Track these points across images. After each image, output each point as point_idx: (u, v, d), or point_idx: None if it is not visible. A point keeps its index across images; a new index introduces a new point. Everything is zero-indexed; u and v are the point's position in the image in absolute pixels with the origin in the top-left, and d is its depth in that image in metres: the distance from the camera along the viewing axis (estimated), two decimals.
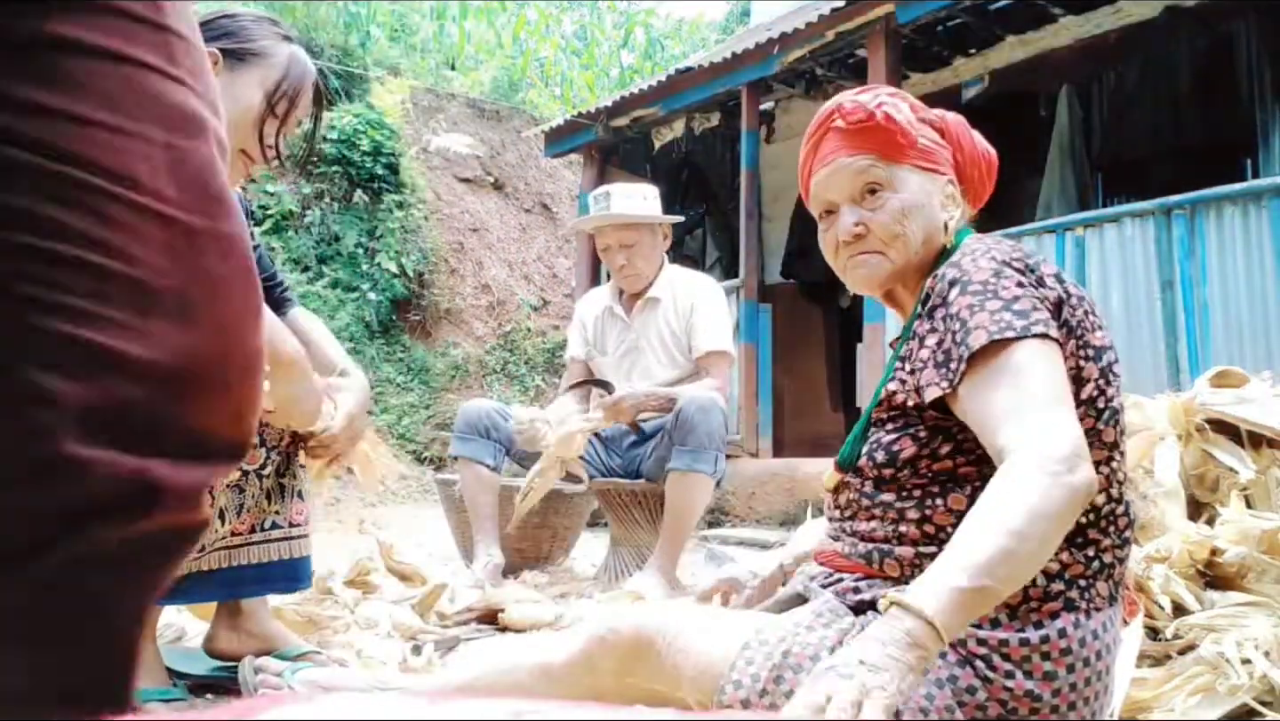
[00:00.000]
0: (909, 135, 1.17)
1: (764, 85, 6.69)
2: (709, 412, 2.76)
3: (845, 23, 5.69)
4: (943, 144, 1.20)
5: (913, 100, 1.25)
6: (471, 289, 9.77)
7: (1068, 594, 1.03)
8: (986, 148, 1.24)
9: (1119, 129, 6.22)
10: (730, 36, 11.81)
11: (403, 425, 8.49)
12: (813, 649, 1.03)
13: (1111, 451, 1.09)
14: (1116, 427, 1.09)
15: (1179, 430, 2.02)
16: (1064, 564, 1.04)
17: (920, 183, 1.18)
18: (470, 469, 3.08)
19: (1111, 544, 1.08)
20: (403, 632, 2.16)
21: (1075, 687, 1.02)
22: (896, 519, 1.09)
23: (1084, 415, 1.05)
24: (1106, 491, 1.08)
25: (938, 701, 0.99)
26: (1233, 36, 5.44)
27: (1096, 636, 1.04)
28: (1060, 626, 1.02)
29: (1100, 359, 1.08)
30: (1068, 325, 1.06)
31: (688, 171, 8.26)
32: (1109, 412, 1.09)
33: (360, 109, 9.28)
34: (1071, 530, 1.01)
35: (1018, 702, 1.00)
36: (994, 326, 1.01)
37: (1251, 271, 4.24)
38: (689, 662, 1.04)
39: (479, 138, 10.49)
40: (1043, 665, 1.01)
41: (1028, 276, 1.06)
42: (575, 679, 1.09)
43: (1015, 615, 1.03)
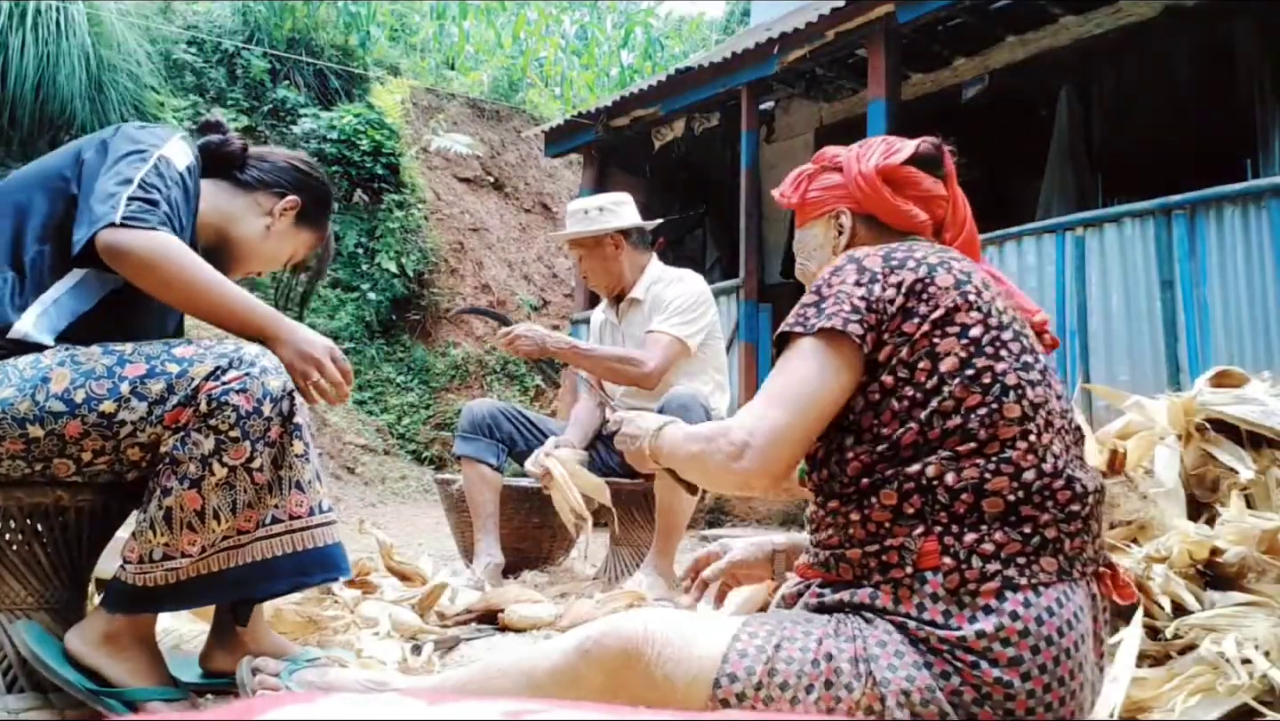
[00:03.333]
0: (796, 198, 1.40)
1: (764, 85, 6.69)
2: (689, 409, 2.75)
3: (845, 23, 5.69)
4: (837, 182, 1.36)
5: (827, 154, 1.40)
6: (471, 289, 9.77)
7: (1005, 572, 1.04)
8: (867, 168, 1.32)
9: (1119, 129, 6.23)
10: (730, 36, 11.81)
11: (403, 425, 8.50)
12: (800, 641, 1.06)
13: (1024, 425, 1.09)
14: (1022, 401, 1.10)
15: (1179, 430, 2.02)
16: (999, 544, 1.05)
17: (814, 233, 1.39)
18: (473, 468, 3.09)
19: (1053, 518, 1.07)
20: (403, 632, 2.16)
21: (1045, 669, 1.02)
22: (845, 523, 1.14)
23: (959, 389, 1.09)
24: (1037, 467, 1.08)
25: (919, 682, 1.01)
26: (1233, 36, 5.44)
27: (1052, 613, 1.04)
28: (1011, 609, 1.03)
29: (967, 334, 1.11)
30: (912, 310, 1.13)
31: (688, 171, 8.26)
32: (999, 387, 1.10)
33: (360, 109, 9.28)
34: (1001, 509, 1.06)
35: (991, 689, 1.01)
36: (791, 320, 1.17)
37: (1251, 271, 4.24)
38: (681, 670, 1.03)
39: (479, 138, 10.49)
40: (1005, 651, 1.01)
41: (865, 275, 1.15)
42: (560, 690, 1.08)
43: (959, 600, 1.04)
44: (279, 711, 0.48)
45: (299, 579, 1.56)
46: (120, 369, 1.47)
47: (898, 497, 1.09)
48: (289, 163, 1.86)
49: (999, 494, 1.06)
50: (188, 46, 9.24)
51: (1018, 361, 1.12)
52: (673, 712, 0.50)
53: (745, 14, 11.75)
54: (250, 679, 1.54)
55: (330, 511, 1.62)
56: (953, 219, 1.34)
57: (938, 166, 1.34)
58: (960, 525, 1.06)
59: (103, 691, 1.47)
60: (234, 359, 1.48)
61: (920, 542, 1.06)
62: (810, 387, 1.13)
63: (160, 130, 1.66)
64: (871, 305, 1.13)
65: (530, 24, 13.52)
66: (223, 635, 1.75)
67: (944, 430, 1.09)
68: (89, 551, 1.66)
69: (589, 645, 1.07)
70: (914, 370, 1.11)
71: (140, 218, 1.47)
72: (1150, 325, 4.51)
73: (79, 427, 1.45)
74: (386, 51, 11.11)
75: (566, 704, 0.70)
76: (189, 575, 1.49)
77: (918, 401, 1.10)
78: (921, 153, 1.33)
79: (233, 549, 1.51)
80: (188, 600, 1.55)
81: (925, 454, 1.09)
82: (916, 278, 1.14)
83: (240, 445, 1.46)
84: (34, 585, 1.56)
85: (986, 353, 1.11)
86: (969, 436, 1.08)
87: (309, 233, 1.89)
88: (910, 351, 1.11)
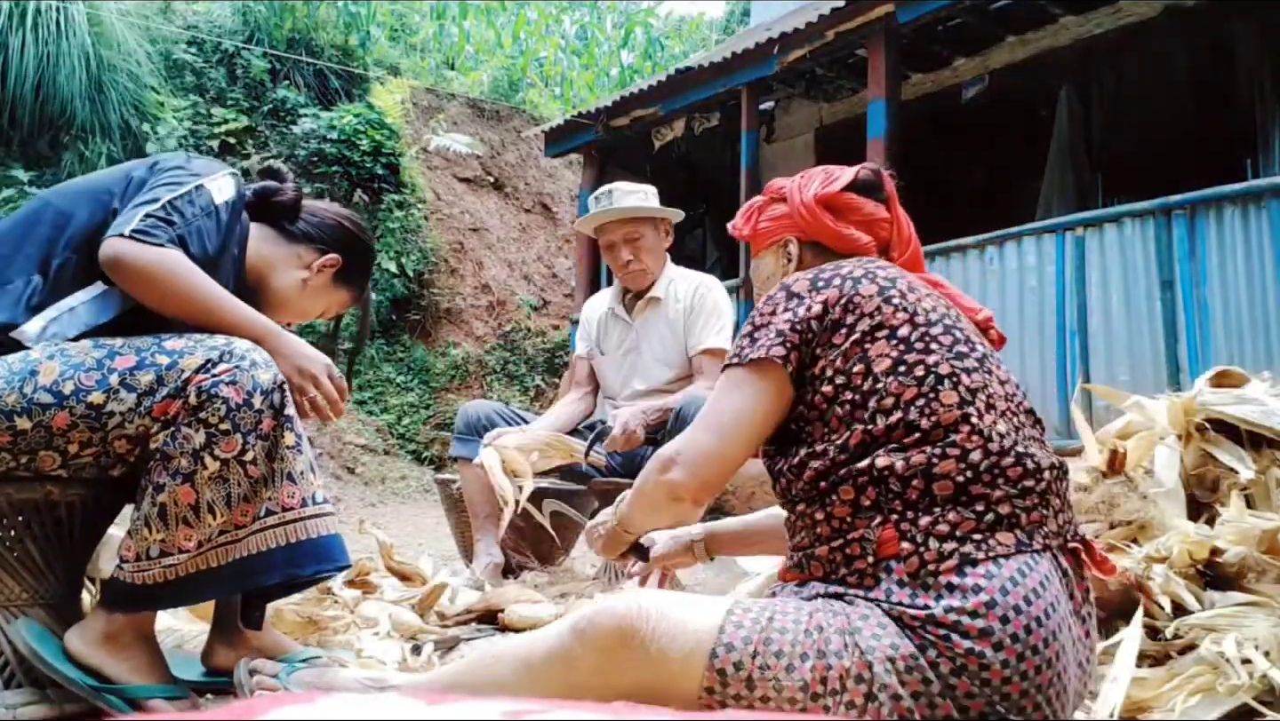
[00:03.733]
0: (751, 232, 1.48)
1: (764, 85, 6.70)
2: None
3: (845, 23, 5.69)
4: (783, 212, 1.43)
5: (774, 185, 1.47)
6: (471, 289, 9.77)
7: (962, 549, 1.07)
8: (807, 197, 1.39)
9: (1119, 129, 6.23)
10: (730, 36, 11.81)
11: (403, 425, 8.50)
12: (792, 615, 1.08)
13: (963, 409, 1.14)
14: (959, 388, 1.15)
15: (1179, 430, 2.02)
16: (953, 523, 1.08)
17: (764, 262, 1.48)
18: (470, 469, 3.08)
19: (1005, 494, 1.10)
20: (403, 632, 2.16)
21: (1017, 638, 1.03)
22: (812, 524, 1.19)
23: (895, 384, 1.16)
24: (983, 448, 1.12)
25: (902, 650, 1.04)
26: (1233, 36, 5.44)
27: (1016, 582, 1.06)
28: (973, 584, 1.05)
29: (895, 334, 1.19)
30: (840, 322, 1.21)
31: (688, 171, 8.26)
32: (934, 378, 1.15)
33: (360, 109, 9.29)
34: (951, 491, 1.10)
35: (965, 660, 1.03)
36: (730, 353, 1.28)
37: (1251, 271, 4.24)
38: (676, 644, 1.05)
39: (479, 138, 10.49)
40: (974, 623, 1.03)
41: (793, 300, 1.24)
42: (555, 674, 1.09)
43: (922, 582, 1.07)
44: (279, 711, 0.48)
45: (291, 570, 1.55)
46: (109, 361, 1.47)
47: (854, 492, 1.14)
48: (337, 220, 1.88)
49: (948, 476, 1.11)
50: (188, 46, 9.24)
51: (950, 352, 1.18)
52: (673, 712, 0.50)
53: (745, 14, 11.76)
54: (248, 679, 1.54)
55: (325, 503, 1.61)
56: (898, 239, 1.40)
57: (878, 191, 1.41)
58: (915, 510, 1.10)
59: (103, 688, 1.47)
60: (224, 351, 1.49)
61: (879, 532, 1.11)
62: (735, 414, 1.24)
63: (211, 163, 1.70)
64: (796, 326, 1.21)
65: (530, 24, 13.52)
66: (224, 632, 1.76)
67: (888, 425, 1.14)
68: (82, 546, 1.66)
69: (583, 625, 1.09)
70: (850, 376, 1.18)
71: (150, 233, 1.49)
72: (1150, 325, 4.51)
73: (67, 419, 1.44)
74: (386, 51, 11.12)
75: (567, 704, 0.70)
76: (187, 571, 1.49)
77: (859, 404, 1.16)
78: (861, 179, 1.40)
79: (230, 543, 1.51)
80: (187, 596, 1.55)
81: (874, 449, 1.14)
82: (840, 293, 1.22)
83: (231, 438, 1.46)
84: (28, 581, 1.55)
85: (917, 348, 1.18)
86: (912, 427, 1.13)
87: (345, 292, 1.91)
88: (844, 360, 1.19)
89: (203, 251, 1.57)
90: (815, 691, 1.01)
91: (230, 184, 1.68)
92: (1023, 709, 1.02)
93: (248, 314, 1.58)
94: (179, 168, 1.63)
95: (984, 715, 1.01)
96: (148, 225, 1.49)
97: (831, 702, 1.00)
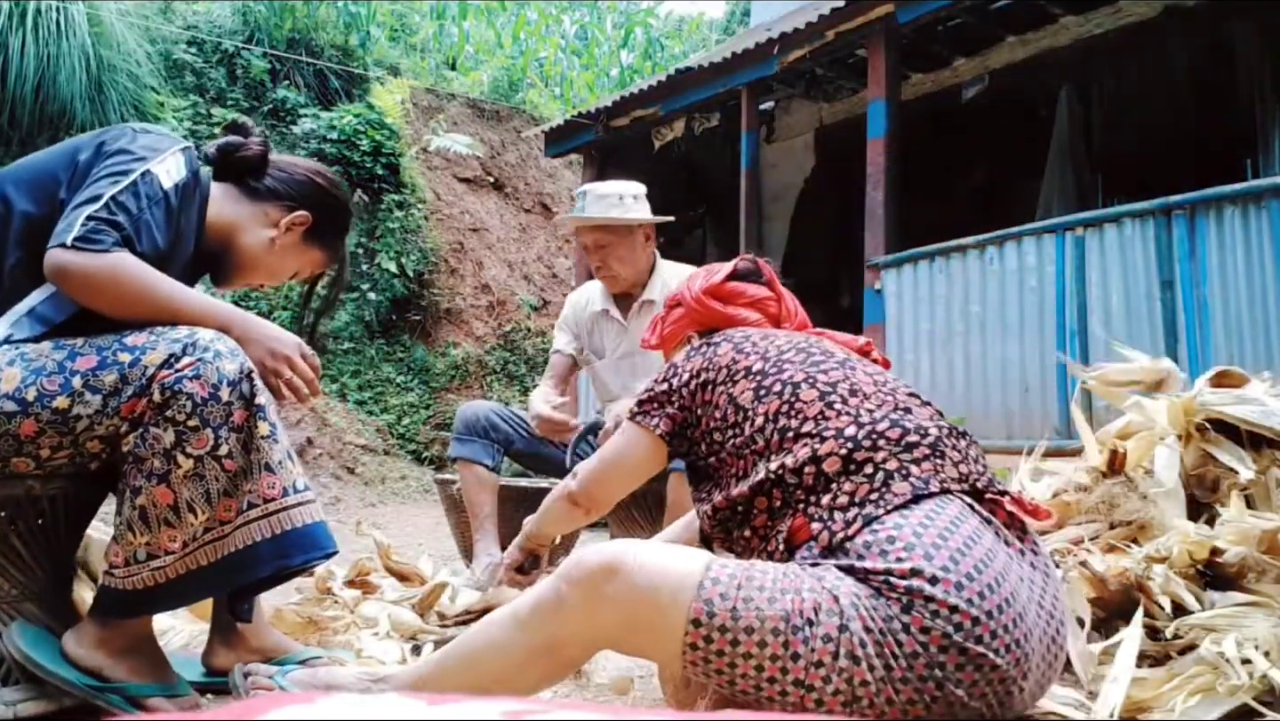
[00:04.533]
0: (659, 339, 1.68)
1: (764, 85, 6.70)
2: None
3: (845, 23, 5.69)
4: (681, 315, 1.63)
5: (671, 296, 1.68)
6: (471, 289, 9.77)
7: (863, 511, 1.13)
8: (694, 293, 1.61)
9: (1119, 129, 6.23)
10: (730, 37, 11.81)
11: (403, 425, 8.50)
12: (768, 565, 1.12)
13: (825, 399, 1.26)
14: (816, 385, 1.28)
15: (1179, 430, 2.02)
16: (849, 493, 1.16)
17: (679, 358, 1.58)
18: (469, 470, 3.08)
19: (890, 453, 1.18)
20: (403, 632, 2.16)
21: (948, 569, 1.04)
22: (745, 543, 1.28)
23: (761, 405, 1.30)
24: (855, 423, 1.21)
25: (862, 593, 1.05)
26: (1233, 36, 5.44)
27: (927, 524, 1.09)
28: (885, 535, 1.09)
29: (750, 370, 1.35)
30: (707, 382, 1.40)
31: (688, 171, 8.26)
32: (790, 387, 1.29)
33: (360, 109, 9.29)
34: (839, 466, 1.19)
35: (911, 597, 1.03)
36: (635, 408, 1.50)
37: (1251, 271, 4.24)
38: (662, 579, 1.07)
39: (479, 138, 10.49)
40: (903, 566, 1.05)
41: (673, 370, 1.46)
42: (544, 621, 1.12)
43: (840, 550, 1.11)
44: (279, 711, 0.48)
45: (280, 562, 1.51)
46: (71, 363, 1.43)
47: (766, 500, 1.24)
48: (307, 175, 1.80)
49: (832, 454, 1.19)
50: (188, 46, 9.25)
51: (806, 363, 1.32)
52: (672, 712, 0.50)
53: (745, 14, 11.76)
54: (242, 681, 1.53)
55: (306, 490, 1.57)
56: (785, 311, 1.60)
57: (757, 276, 1.62)
58: (815, 494, 1.18)
59: (104, 687, 1.46)
60: (188, 344, 1.44)
61: (789, 523, 1.19)
62: (621, 455, 1.51)
63: (159, 138, 1.61)
64: (670, 396, 1.44)
65: (530, 24, 13.53)
66: (224, 632, 1.75)
67: (766, 442, 1.26)
68: (68, 538, 1.64)
69: (569, 567, 1.12)
70: (726, 416, 1.33)
71: (93, 239, 1.41)
72: (1150, 325, 4.51)
73: (33, 426, 1.41)
74: (386, 51, 11.12)
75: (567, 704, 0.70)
76: (176, 572, 1.46)
77: (740, 434, 1.30)
78: (739, 269, 1.62)
79: (216, 540, 1.48)
80: (180, 598, 1.52)
81: (763, 457, 1.26)
82: (704, 359, 1.42)
83: (201, 433, 1.42)
84: (16, 576, 1.54)
85: (771, 373, 1.32)
86: (785, 431, 1.24)
87: (318, 250, 1.83)
88: (718, 410, 1.35)
89: (153, 245, 1.51)
90: (795, 623, 1.03)
91: (179, 161, 1.59)
92: (980, 637, 1.02)
93: (207, 305, 1.52)
94: (123, 152, 1.54)
95: (944, 645, 1.01)
96: (90, 230, 1.42)
97: (809, 633, 1.02)
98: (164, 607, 1.57)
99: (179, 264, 1.61)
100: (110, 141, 1.56)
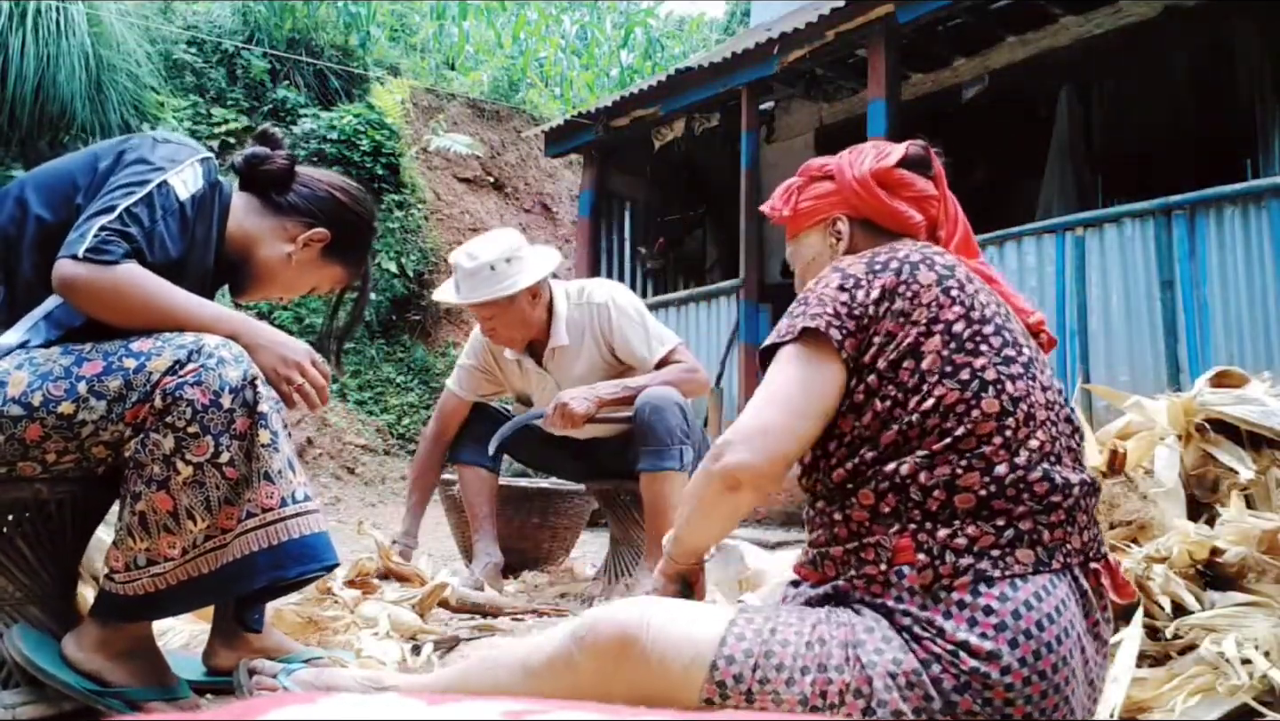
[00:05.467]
0: (792, 212, 1.40)
1: (764, 85, 6.69)
2: (663, 411, 2.69)
3: (845, 23, 5.69)
4: (830, 189, 1.37)
5: (813, 164, 1.41)
6: None
7: (978, 565, 1.05)
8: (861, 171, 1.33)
9: (1119, 129, 6.23)
10: (730, 37, 11.81)
11: (403, 425, 8.50)
12: (795, 626, 1.08)
13: (1001, 420, 1.10)
14: (1001, 396, 1.11)
15: (1179, 430, 2.02)
16: (972, 537, 1.07)
17: (810, 241, 1.40)
18: (469, 470, 3.08)
19: (1028, 510, 1.08)
20: (402, 632, 2.16)
21: (1025, 662, 1.01)
22: (830, 523, 1.17)
23: (939, 387, 1.11)
24: (1009, 461, 1.09)
25: (905, 666, 1.03)
26: (1233, 36, 5.44)
27: (1030, 606, 1.04)
28: (985, 604, 1.03)
29: (950, 330, 1.14)
30: (897, 311, 1.15)
31: (688, 171, 8.25)
32: (978, 382, 1.11)
33: (360, 109, 9.28)
34: (973, 505, 1.08)
35: (971, 679, 1.01)
36: (774, 333, 1.21)
37: (1251, 271, 4.24)
38: (677, 653, 1.04)
39: (479, 138, 10.49)
40: (983, 645, 1.02)
41: (849, 282, 1.18)
42: (555, 677, 1.09)
43: (933, 595, 1.05)
44: (279, 711, 0.48)
45: (275, 573, 1.49)
46: (77, 368, 1.43)
47: (874, 497, 1.12)
48: (329, 191, 1.78)
49: (970, 490, 1.08)
50: (188, 46, 9.25)
51: (998, 355, 1.14)
52: (673, 712, 0.50)
53: (745, 14, 11.75)
54: (247, 680, 1.53)
55: (308, 500, 1.54)
56: (945, 218, 1.36)
57: (927, 167, 1.37)
58: (933, 521, 1.08)
59: (103, 691, 1.46)
60: (192, 350, 1.43)
61: (895, 540, 1.09)
62: (794, 387, 1.15)
63: (178, 148, 1.60)
64: (853, 311, 1.15)
65: (530, 24, 13.52)
66: (224, 633, 1.75)
67: (923, 429, 1.11)
68: (74, 542, 1.64)
69: (584, 631, 1.08)
70: (898, 369, 1.13)
71: (104, 250, 1.42)
72: (1150, 325, 4.51)
73: (39, 431, 1.41)
74: (386, 51, 11.11)
75: (567, 704, 0.70)
76: (176, 579, 1.46)
77: (899, 401, 1.13)
78: (911, 155, 1.35)
79: (217, 549, 1.47)
80: (178, 605, 1.52)
81: (904, 453, 1.11)
82: (899, 279, 1.17)
83: (201, 441, 1.41)
84: (20, 579, 1.54)
85: (966, 348, 1.13)
86: (945, 433, 1.10)
87: (337, 268, 1.83)
88: (895, 351, 1.14)
89: (165, 255, 1.50)
90: (814, 705, 1.00)
91: (197, 172, 1.59)
92: None
93: (217, 313, 1.52)
94: (142, 161, 1.53)
95: None
96: (101, 241, 1.41)
97: (829, 715, 0.99)
98: (164, 614, 1.56)
99: (196, 273, 1.61)
100: (130, 150, 1.56)
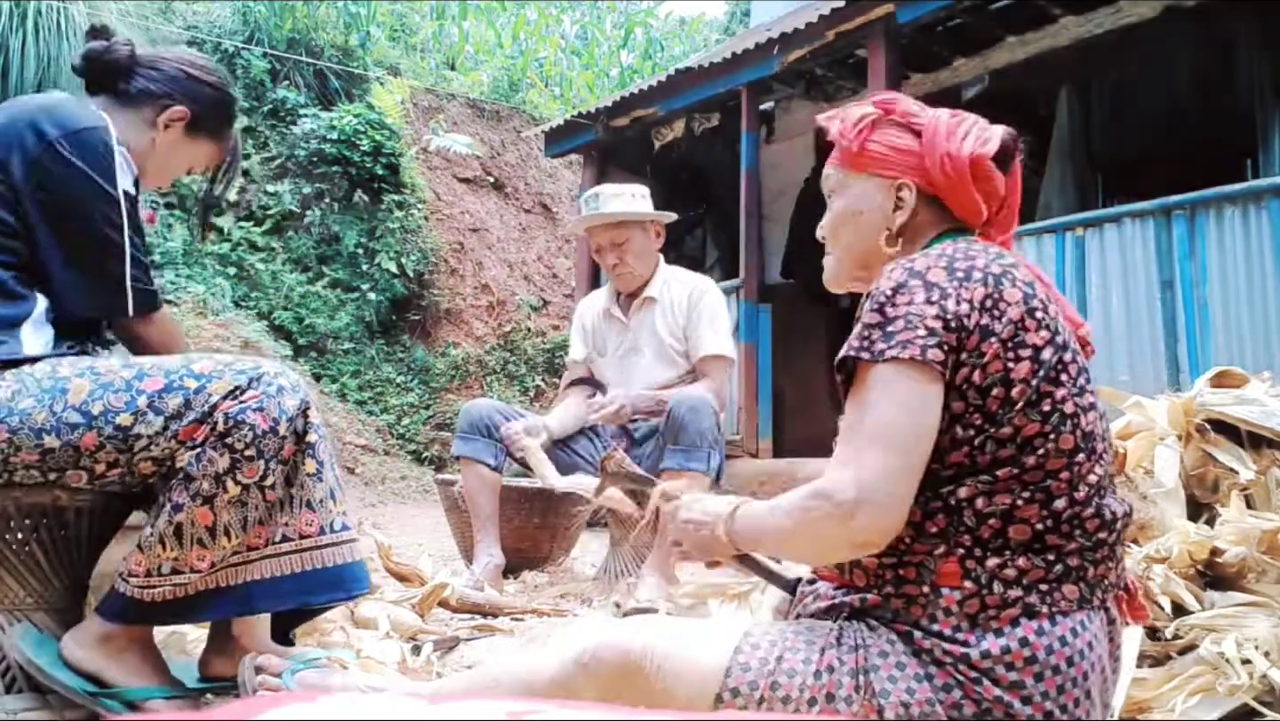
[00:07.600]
0: (855, 143, 1.23)
1: (764, 85, 6.69)
2: (699, 411, 2.75)
3: (845, 23, 5.68)
4: (911, 148, 1.19)
5: (902, 105, 1.24)
6: (471, 289, 9.76)
7: (1026, 599, 1.03)
8: (958, 150, 1.16)
9: (1119, 129, 6.22)
10: (730, 37, 11.81)
11: (403, 425, 8.49)
12: (803, 653, 1.06)
13: (1073, 456, 1.06)
14: (1076, 432, 1.06)
15: (1179, 430, 2.02)
16: (1022, 570, 1.04)
17: (865, 188, 1.23)
18: (472, 469, 3.08)
19: (1079, 546, 1.05)
20: (402, 632, 2.16)
21: (1048, 695, 1.01)
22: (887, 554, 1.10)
23: (1020, 418, 1.04)
24: (1068, 495, 1.05)
25: (918, 695, 1.01)
26: (1233, 36, 5.44)
27: (1065, 642, 1.02)
28: (1021, 635, 1.02)
29: (1038, 357, 1.05)
30: (987, 328, 1.04)
31: (688, 171, 8.25)
32: (1058, 416, 1.05)
33: (360, 109, 9.28)
34: (1028, 537, 1.04)
35: (991, 706, 1.00)
36: (856, 344, 1.07)
37: (1251, 271, 4.24)
38: (682, 683, 1.03)
39: (479, 138, 10.49)
40: (1007, 675, 1.01)
41: (936, 291, 1.05)
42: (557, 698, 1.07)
43: (975, 622, 1.03)
44: (279, 711, 0.48)
45: (304, 597, 1.55)
46: (138, 382, 1.46)
47: (922, 515, 1.06)
48: (178, 68, 1.71)
49: (1027, 521, 1.04)
50: (188, 46, 9.24)
51: (1075, 386, 1.07)
52: (673, 713, 0.50)
53: (745, 14, 11.75)
54: (252, 677, 1.53)
55: (347, 530, 1.59)
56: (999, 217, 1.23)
57: (1010, 162, 1.21)
58: (984, 549, 1.04)
59: (100, 693, 1.46)
60: (252, 377, 1.48)
61: (940, 563, 1.05)
62: (905, 422, 1.02)
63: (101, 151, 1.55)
64: (949, 324, 1.03)
65: (530, 24, 13.52)
66: (220, 642, 1.74)
67: (995, 457, 1.04)
68: (88, 552, 1.65)
69: (586, 658, 1.07)
70: (986, 396, 1.04)
71: (145, 298, 1.60)
72: (1150, 325, 4.50)
73: (95, 439, 1.44)
74: (386, 51, 11.11)
75: (567, 704, 0.70)
76: (196, 590, 1.49)
77: (979, 429, 1.04)
78: (1005, 145, 1.19)
79: (240, 565, 1.51)
80: (190, 615, 1.55)
81: (965, 475, 1.05)
82: (986, 292, 1.05)
83: (254, 463, 1.46)
84: (33, 585, 1.55)
85: (1050, 377, 1.05)
86: (1015, 463, 1.04)
87: (206, 143, 1.78)
88: (983, 375, 1.04)
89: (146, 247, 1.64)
90: None
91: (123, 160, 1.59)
92: None
93: None
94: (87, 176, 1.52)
95: None
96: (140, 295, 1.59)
97: None
98: (175, 621, 1.59)
99: None
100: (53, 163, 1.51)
